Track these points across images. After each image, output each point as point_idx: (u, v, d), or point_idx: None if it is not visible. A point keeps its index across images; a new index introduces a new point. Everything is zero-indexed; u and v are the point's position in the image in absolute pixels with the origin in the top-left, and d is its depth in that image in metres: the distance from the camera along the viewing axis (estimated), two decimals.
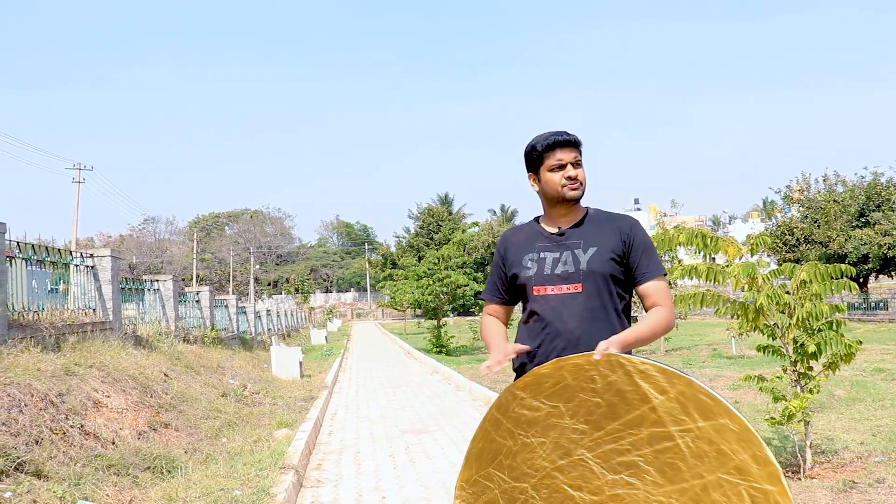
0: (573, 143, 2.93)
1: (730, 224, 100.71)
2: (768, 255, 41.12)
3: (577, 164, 2.94)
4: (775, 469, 2.14)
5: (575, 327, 2.82)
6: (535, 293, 2.91)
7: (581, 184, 2.95)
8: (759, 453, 2.17)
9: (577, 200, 2.97)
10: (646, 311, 2.90)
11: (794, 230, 39.72)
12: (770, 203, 57.72)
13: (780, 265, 6.55)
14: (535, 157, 2.98)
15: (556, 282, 2.88)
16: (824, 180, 40.82)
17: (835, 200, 38.94)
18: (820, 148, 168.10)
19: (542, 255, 2.94)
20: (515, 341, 3.02)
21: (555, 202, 2.97)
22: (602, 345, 2.51)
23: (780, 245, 40.05)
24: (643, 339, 2.74)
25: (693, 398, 2.31)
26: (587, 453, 2.48)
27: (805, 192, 41.47)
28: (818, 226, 38.94)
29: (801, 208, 41.26)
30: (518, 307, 3.20)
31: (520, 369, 2.95)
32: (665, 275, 2.94)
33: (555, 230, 2.97)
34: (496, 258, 3.18)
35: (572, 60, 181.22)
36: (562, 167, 2.93)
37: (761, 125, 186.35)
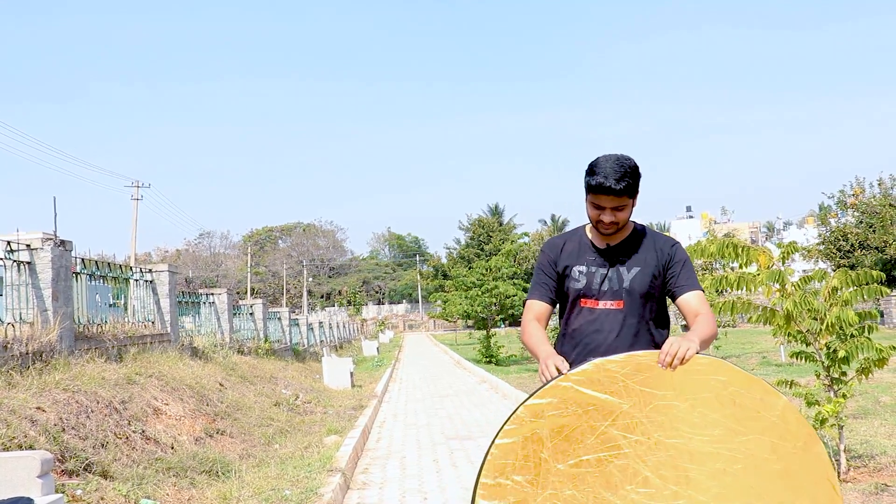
0: (616, 192, 2.93)
1: (784, 230, 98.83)
2: (823, 262, 40.36)
3: (618, 209, 2.99)
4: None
5: (613, 340, 3.03)
6: (581, 305, 3.11)
7: (616, 225, 3.03)
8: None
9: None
10: (688, 321, 3.05)
11: (849, 235, 38.96)
12: (825, 208, 56.60)
13: (835, 272, 6.64)
14: (585, 182, 3.03)
15: (601, 297, 3.08)
16: (879, 184, 39.93)
17: (890, 205, 38.07)
18: (877, 151, 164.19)
19: (591, 269, 3.11)
20: (555, 349, 3.18)
21: None
22: (679, 349, 2.71)
23: (835, 251, 39.31)
24: (705, 342, 2.90)
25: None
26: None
27: (860, 197, 40.62)
28: (873, 231, 38.11)
29: (855, 213, 40.41)
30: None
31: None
32: (703, 290, 3.11)
33: (603, 246, 3.14)
34: (545, 261, 3.21)
35: (626, 70, 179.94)
36: (601, 209, 3.00)
37: (818, 129, 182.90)
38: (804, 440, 2.64)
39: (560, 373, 2.74)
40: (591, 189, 2.97)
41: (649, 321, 3.11)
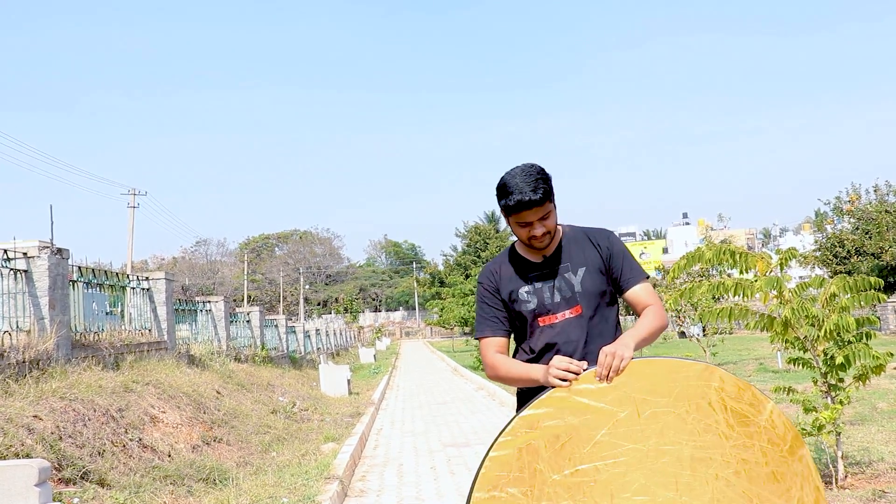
0: (537, 203, 2.84)
1: (781, 237, 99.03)
2: (819, 268, 40.38)
3: (545, 218, 2.90)
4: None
5: (584, 348, 2.92)
6: (540, 324, 2.99)
7: (549, 235, 2.95)
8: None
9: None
10: (637, 315, 2.98)
11: (845, 242, 38.98)
12: (822, 215, 56.65)
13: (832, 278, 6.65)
14: (501, 206, 2.92)
15: (557, 309, 2.97)
16: (875, 190, 39.96)
17: (886, 211, 38.08)
18: (872, 157, 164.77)
19: (536, 285, 3.00)
20: None
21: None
22: (613, 361, 2.63)
23: (831, 257, 39.34)
24: (645, 340, 2.85)
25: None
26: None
27: (856, 203, 40.63)
28: (870, 237, 38.11)
29: (852, 220, 40.44)
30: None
31: (527, 393, 2.95)
32: (647, 278, 3.04)
33: (539, 259, 3.04)
34: (485, 292, 3.08)
35: (622, 77, 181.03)
36: (528, 224, 2.91)
37: (814, 135, 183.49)
38: (790, 443, 2.67)
39: (580, 369, 2.68)
40: (511, 210, 2.87)
41: (611, 319, 3.03)
